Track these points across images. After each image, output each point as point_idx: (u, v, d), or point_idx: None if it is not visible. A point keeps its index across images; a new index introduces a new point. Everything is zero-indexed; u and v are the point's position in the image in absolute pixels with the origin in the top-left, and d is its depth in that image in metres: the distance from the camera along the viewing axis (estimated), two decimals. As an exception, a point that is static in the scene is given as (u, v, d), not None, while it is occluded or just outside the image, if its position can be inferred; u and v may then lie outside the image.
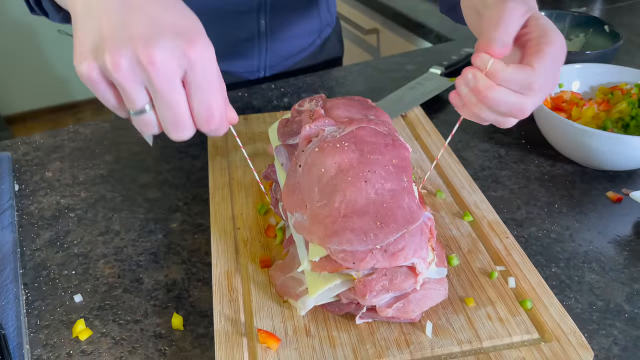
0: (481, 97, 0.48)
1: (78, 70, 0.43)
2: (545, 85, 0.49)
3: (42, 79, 2.96)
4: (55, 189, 0.76)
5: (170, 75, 0.42)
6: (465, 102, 0.50)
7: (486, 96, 0.48)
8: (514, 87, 0.48)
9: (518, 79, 0.47)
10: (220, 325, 0.53)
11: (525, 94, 0.48)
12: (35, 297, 0.60)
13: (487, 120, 0.51)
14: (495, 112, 0.50)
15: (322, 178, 0.54)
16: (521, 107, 0.49)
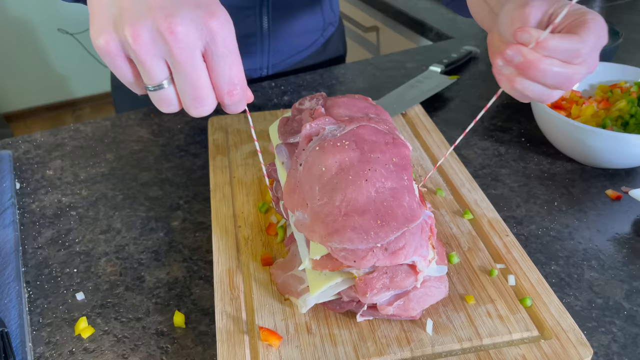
0: (529, 70, 0.48)
1: (96, 43, 0.42)
2: (591, 56, 0.48)
3: (41, 76, 2.96)
4: (57, 187, 0.76)
5: (192, 47, 0.41)
6: (510, 79, 0.50)
7: (536, 67, 0.47)
8: (561, 56, 0.47)
9: (566, 47, 0.47)
10: (222, 323, 0.54)
11: (572, 64, 0.48)
12: (38, 295, 0.61)
13: (532, 95, 0.50)
14: (542, 84, 0.49)
15: (322, 177, 0.54)
16: (569, 76, 0.48)
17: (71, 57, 2.90)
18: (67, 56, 2.91)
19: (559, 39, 0.47)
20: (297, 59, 1.07)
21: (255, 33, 0.96)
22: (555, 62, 0.48)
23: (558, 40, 0.47)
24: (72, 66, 2.97)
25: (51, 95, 3.07)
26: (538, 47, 0.47)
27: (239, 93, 0.45)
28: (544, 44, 0.47)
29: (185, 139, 0.85)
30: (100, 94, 3.15)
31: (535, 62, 0.48)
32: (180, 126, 0.88)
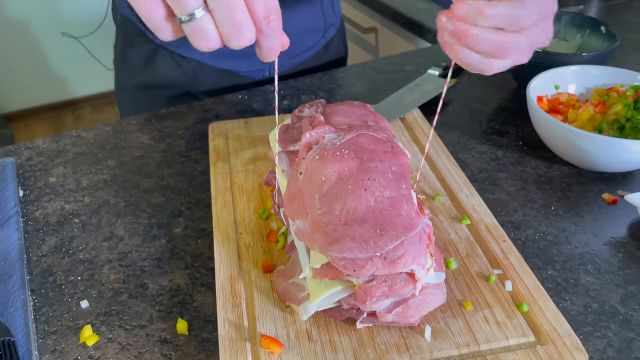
0: (461, 38, 0.47)
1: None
2: (536, 25, 0.47)
3: (41, 76, 2.96)
4: (60, 195, 0.77)
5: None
6: (450, 46, 0.49)
7: (466, 35, 0.46)
8: (500, 22, 0.46)
9: (502, 12, 0.45)
10: (224, 330, 0.55)
11: (508, 31, 0.47)
12: (43, 303, 0.62)
13: (472, 63, 0.49)
14: (477, 52, 0.48)
15: (322, 186, 0.55)
16: (502, 44, 0.47)
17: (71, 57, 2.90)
18: (66, 56, 2.91)
19: (495, 5, 0.45)
20: (299, 60, 1.08)
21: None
22: (487, 29, 0.46)
23: (494, 6, 0.45)
24: (72, 66, 2.97)
25: (51, 95, 3.07)
26: (477, 15, 0.46)
27: (275, 19, 0.44)
28: (482, 10, 0.45)
29: (186, 145, 0.86)
30: (101, 94, 3.15)
31: (465, 30, 0.46)
32: (181, 132, 0.89)
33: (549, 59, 0.89)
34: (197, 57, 0.99)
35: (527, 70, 0.89)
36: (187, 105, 0.95)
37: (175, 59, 0.99)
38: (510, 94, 0.99)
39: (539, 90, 0.84)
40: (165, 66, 1.00)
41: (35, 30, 2.81)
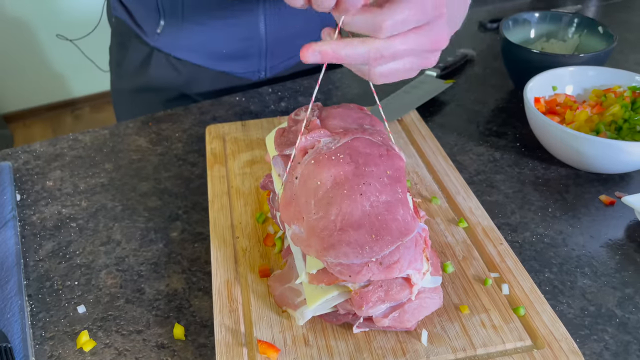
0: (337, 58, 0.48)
1: None
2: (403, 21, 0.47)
3: (40, 76, 2.96)
4: (57, 199, 0.77)
5: None
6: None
7: (337, 58, 0.48)
8: (365, 31, 0.47)
9: (362, 23, 0.46)
10: (221, 335, 0.55)
11: (377, 38, 0.47)
12: (40, 308, 0.62)
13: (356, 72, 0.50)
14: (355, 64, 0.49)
15: (318, 191, 0.55)
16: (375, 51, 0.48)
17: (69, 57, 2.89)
18: (65, 56, 2.91)
19: (355, 19, 0.46)
20: (296, 61, 1.07)
21: (253, 36, 0.96)
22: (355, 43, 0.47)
23: (357, 19, 0.46)
24: (71, 66, 2.97)
25: (50, 95, 3.07)
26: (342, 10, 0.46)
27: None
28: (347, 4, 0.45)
29: (183, 148, 0.86)
30: (99, 94, 3.15)
31: (333, 54, 0.47)
32: (178, 134, 0.89)
33: (547, 60, 0.89)
34: (192, 60, 0.99)
35: (525, 71, 0.89)
36: (184, 108, 0.95)
37: (171, 61, 0.99)
38: (508, 95, 0.99)
39: (536, 92, 0.84)
40: (161, 68, 1.00)
41: (32, 31, 2.80)
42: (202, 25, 0.92)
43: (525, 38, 1.03)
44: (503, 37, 0.94)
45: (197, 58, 0.98)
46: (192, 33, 0.60)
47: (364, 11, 0.46)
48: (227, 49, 0.97)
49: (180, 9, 0.91)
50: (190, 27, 0.92)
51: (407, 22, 0.47)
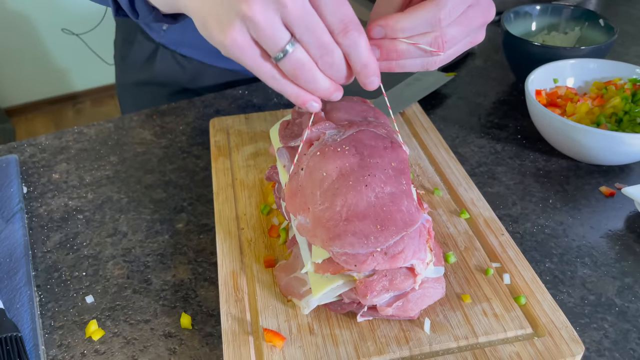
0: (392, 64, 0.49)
1: (224, 44, 0.44)
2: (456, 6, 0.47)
3: (42, 70, 2.96)
4: (63, 191, 0.78)
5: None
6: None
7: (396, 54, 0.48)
8: (420, 30, 0.47)
9: (419, 21, 0.46)
10: (227, 324, 0.56)
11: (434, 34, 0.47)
12: (48, 298, 0.63)
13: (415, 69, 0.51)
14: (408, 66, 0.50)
15: (323, 182, 0.56)
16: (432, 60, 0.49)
17: (71, 51, 2.90)
18: (67, 50, 2.91)
19: (407, 17, 0.46)
20: None
21: None
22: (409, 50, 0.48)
23: (409, 18, 0.46)
24: (72, 60, 2.97)
25: (52, 89, 3.07)
26: (392, 33, 0.46)
27: (353, 30, 0.44)
28: (395, 27, 0.46)
29: (187, 140, 0.87)
30: (101, 87, 3.15)
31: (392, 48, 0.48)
32: (182, 127, 0.90)
33: (548, 53, 0.89)
34: (197, 57, 0.99)
35: (526, 64, 0.90)
36: (188, 101, 0.96)
37: (176, 58, 1.00)
38: (509, 87, 0.99)
39: (537, 84, 0.84)
40: (166, 64, 1.00)
41: (35, 25, 2.80)
42: None
43: (527, 31, 1.03)
44: (504, 30, 0.95)
45: (201, 55, 0.99)
46: (197, 30, 0.62)
47: (415, 10, 0.46)
48: None
49: None
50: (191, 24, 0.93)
51: (460, 5, 0.48)
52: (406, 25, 0.46)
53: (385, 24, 0.46)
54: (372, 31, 0.47)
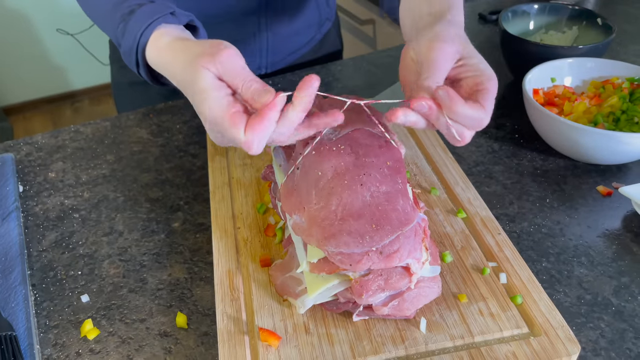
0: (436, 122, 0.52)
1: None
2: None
3: (40, 69, 2.96)
4: (59, 190, 0.78)
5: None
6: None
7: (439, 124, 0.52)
8: (465, 122, 0.51)
9: (471, 116, 0.50)
10: (223, 324, 0.56)
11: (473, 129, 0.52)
12: (44, 297, 0.63)
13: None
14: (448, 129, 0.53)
15: (319, 181, 0.56)
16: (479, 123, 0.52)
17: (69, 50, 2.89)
18: (65, 49, 2.90)
19: (468, 108, 0.49)
20: (295, 57, 1.08)
21: (254, 35, 0.96)
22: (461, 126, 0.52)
23: (467, 108, 0.49)
24: (70, 59, 2.96)
25: (49, 88, 3.07)
26: (449, 109, 0.49)
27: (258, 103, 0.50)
28: (454, 108, 0.49)
29: (184, 139, 0.87)
30: (99, 86, 3.15)
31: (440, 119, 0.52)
32: (178, 126, 0.90)
33: (546, 52, 0.89)
34: None
35: (524, 63, 0.90)
36: (185, 100, 0.96)
37: None
38: (507, 86, 0.99)
39: (535, 83, 0.84)
40: None
41: (33, 24, 2.80)
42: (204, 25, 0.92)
43: (525, 30, 1.03)
44: (502, 29, 0.95)
45: None
46: (193, 30, 0.63)
47: (473, 107, 0.50)
48: None
49: None
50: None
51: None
52: (462, 111, 0.49)
53: (451, 98, 0.49)
54: (439, 93, 0.49)
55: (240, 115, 0.49)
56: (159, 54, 0.58)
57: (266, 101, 0.49)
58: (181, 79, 0.54)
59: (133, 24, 0.59)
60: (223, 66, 0.50)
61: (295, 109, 0.49)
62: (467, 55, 0.54)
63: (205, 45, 0.53)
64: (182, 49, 0.55)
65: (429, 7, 0.60)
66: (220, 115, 0.49)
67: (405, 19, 0.63)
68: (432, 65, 0.52)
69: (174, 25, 0.59)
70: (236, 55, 0.52)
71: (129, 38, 0.59)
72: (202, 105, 0.50)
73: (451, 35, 0.54)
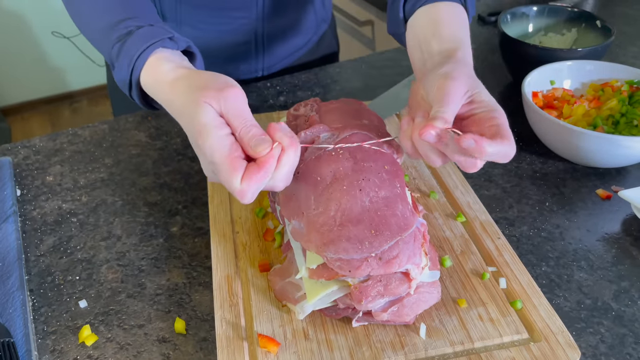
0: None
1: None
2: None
3: (38, 70, 2.95)
4: (57, 194, 0.77)
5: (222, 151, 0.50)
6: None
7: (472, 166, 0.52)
8: (496, 158, 0.51)
9: (501, 151, 0.50)
10: (222, 330, 0.55)
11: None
12: (42, 303, 0.62)
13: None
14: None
15: (317, 186, 0.56)
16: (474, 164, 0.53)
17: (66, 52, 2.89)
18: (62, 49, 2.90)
19: (496, 145, 0.49)
20: (292, 59, 1.07)
21: (250, 39, 0.96)
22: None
23: (495, 146, 0.49)
24: (68, 61, 2.95)
25: (48, 89, 3.06)
26: (479, 152, 0.49)
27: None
28: (483, 151, 0.49)
29: (182, 142, 0.86)
30: (97, 87, 3.14)
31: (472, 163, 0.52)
32: (177, 129, 0.89)
33: (545, 54, 0.89)
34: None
35: (523, 65, 0.90)
36: (183, 102, 0.95)
37: None
38: (506, 89, 0.99)
39: (534, 86, 0.84)
40: None
41: (30, 26, 2.79)
42: (199, 30, 0.92)
43: (524, 32, 1.03)
44: (501, 31, 0.95)
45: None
46: (189, 38, 0.62)
47: (500, 143, 0.50)
48: (223, 53, 0.97)
49: (178, 13, 0.91)
50: (187, 30, 0.92)
51: None
52: (491, 150, 0.49)
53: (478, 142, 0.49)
54: (464, 141, 0.49)
55: (241, 161, 0.49)
56: (156, 80, 0.57)
57: (262, 152, 0.49)
58: (180, 109, 0.53)
59: (130, 46, 0.58)
60: (227, 104, 0.50)
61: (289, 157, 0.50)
62: (476, 93, 0.54)
63: (210, 79, 0.52)
64: (183, 79, 0.54)
65: (439, 45, 0.60)
66: (221, 157, 0.49)
67: (415, 52, 0.63)
68: (443, 99, 0.52)
69: (172, 50, 0.59)
70: (241, 95, 0.52)
71: (124, 59, 0.58)
72: (201, 141, 0.50)
73: (462, 74, 0.54)
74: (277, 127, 0.50)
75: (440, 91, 0.53)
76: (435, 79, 0.54)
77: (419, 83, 0.59)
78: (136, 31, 0.59)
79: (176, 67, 0.56)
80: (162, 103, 0.57)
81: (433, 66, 0.58)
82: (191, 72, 0.55)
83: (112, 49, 0.60)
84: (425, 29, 0.62)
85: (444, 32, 0.61)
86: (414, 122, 0.54)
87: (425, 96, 0.57)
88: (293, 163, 0.51)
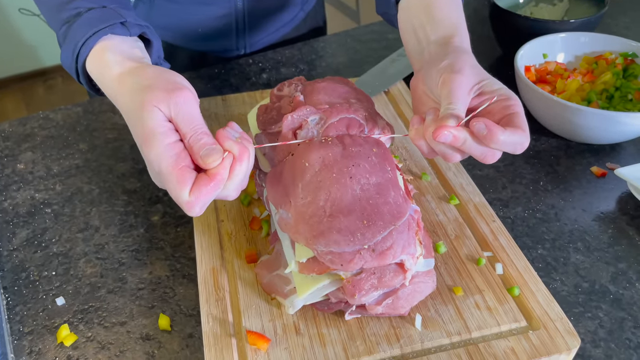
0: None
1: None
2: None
3: (8, 46, 2.84)
4: (29, 183, 0.73)
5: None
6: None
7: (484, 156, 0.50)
8: (509, 148, 0.48)
9: (515, 141, 0.48)
10: (208, 326, 0.53)
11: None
12: (16, 301, 0.59)
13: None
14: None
15: (305, 173, 0.52)
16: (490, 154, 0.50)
17: (37, 27, 2.77)
18: (34, 24, 2.78)
19: (509, 134, 0.47)
20: (277, 36, 1.02)
21: (230, 12, 0.91)
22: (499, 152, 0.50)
23: (508, 135, 0.47)
24: (39, 36, 2.84)
25: (20, 65, 2.95)
26: (490, 140, 0.47)
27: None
28: (495, 138, 0.47)
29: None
30: (72, 63, 3.04)
31: (485, 152, 0.49)
32: (155, 111, 0.85)
33: (537, 26, 0.86)
34: (167, 39, 0.93)
35: (513, 37, 0.87)
36: (161, 82, 0.91)
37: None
38: (496, 62, 0.96)
39: (526, 60, 0.81)
40: None
41: (-2, -2, 2.67)
42: (175, 3, 0.87)
43: (514, 2, 0.99)
44: (491, 2, 0.91)
45: (171, 37, 0.92)
46: (165, 11, 0.57)
47: (513, 132, 0.48)
48: (202, 28, 0.92)
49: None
50: (163, 4, 0.86)
51: None
52: (504, 139, 0.47)
53: (489, 129, 0.47)
54: (475, 125, 0.47)
55: (189, 172, 0.45)
56: (100, 72, 0.52)
57: (212, 163, 0.45)
58: (126, 110, 0.49)
59: (76, 30, 0.52)
60: (177, 109, 0.46)
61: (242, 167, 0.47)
62: (485, 83, 0.51)
63: (158, 78, 0.48)
64: (130, 74, 0.49)
65: (434, 31, 0.56)
66: (168, 167, 0.45)
67: (410, 39, 0.60)
68: (451, 95, 0.49)
69: (123, 37, 0.53)
70: (193, 99, 0.47)
71: (69, 45, 0.53)
72: (147, 149, 0.45)
73: (465, 65, 0.51)
74: (227, 135, 0.46)
75: (446, 86, 0.50)
76: (437, 73, 0.51)
77: (418, 75, 0.56)
78: (85, 13, 0.53)
79: (123, 59, 0.51)
80: (108, 97, 0.53)
81: (431, 57, 0.55)
82: (138, 67, 0.50)
83: (59, 31, 0.55)
84: (419, 13, 0.59)
85: (437, 14, 0.57)
86: (425, 120, 0.50)
87: (428, 91, 0.54)
88: (246, 172, 0.47)
